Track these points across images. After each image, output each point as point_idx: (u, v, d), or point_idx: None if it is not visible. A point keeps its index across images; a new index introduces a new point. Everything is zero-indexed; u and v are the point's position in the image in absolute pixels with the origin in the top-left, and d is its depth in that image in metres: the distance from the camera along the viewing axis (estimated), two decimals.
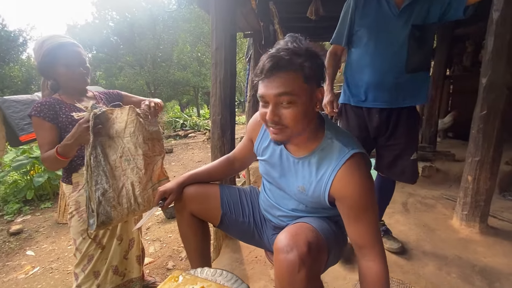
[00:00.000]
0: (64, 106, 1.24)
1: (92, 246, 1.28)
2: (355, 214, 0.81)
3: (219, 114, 1.71)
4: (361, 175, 0.79)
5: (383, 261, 0.81)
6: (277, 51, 0.74)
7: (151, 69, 12.66)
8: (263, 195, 1.12)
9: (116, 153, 1.14)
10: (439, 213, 2.13)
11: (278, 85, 0.74)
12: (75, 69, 1.22)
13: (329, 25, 4.42)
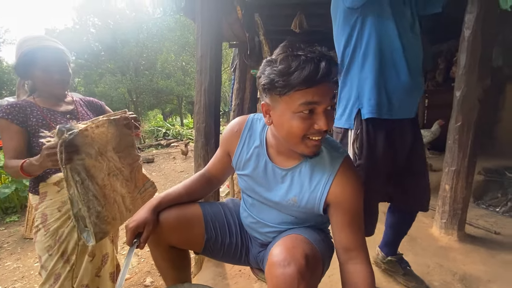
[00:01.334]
0: (36, 109, 1.17)
1: (60, 263, 1.17)
2: (349, 218, 0.80)
3: (203, 122, 1.67)
4: (356, 178, 0.81)
5: (370, 264, 0.80)
6: (321, 53, 0.68)
7: (133, 77, 12.39)
8: (245, 212, 1.01)
9: (102, 171, 1.03)
10: (419, 221, 2.17)
11: (330, 90, 0.70)
12: (53, 74, 1.16)
13: (313, 39, 4.60)
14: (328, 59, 0.67)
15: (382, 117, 1.07)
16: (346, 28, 1.09)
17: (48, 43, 1.16)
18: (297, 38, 3.49)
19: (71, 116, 1.26)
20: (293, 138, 0.74)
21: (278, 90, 0.69)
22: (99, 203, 1.00)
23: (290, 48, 0.70)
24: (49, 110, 1.20)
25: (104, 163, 1.03)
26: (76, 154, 0.93)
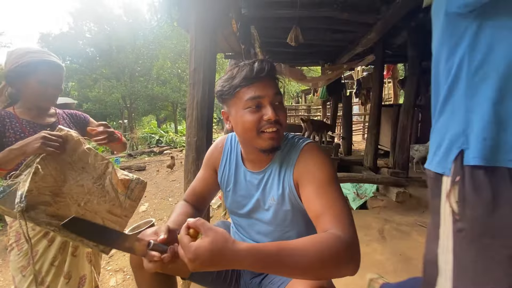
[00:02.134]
0: (15, 121, 1.13)
1: (33, 285, 1.09)
2: (314, 187, 0.76)
3: (194, 136, 1.62)
4: (318, 154, 0.82)
5: (335, 229, 0.66)
6: (262, 59, 0.81)
7: (128, 83, 12.30)
8: (236, 236, 1.01)
9: (70, 206, 0.99)
10: (414, 240, 2.14)
11: (274, 85, 0.81)
12: (48, 88, 1.16)
13: (308, 52, 4.66)
14: (261, 60, 0.79)
15: (502, 164, 0.70)
16: (451, 38, 0.78)
17: (52, 59, 1.17)
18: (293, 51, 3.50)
19: (51, 129, 1.21)
20: (249, 132, 0.80)
21: (226, 93, 0.81)
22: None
23: (235, 63, 0.88)
24: (28, 122, 1.15)
25: (67, 199, 0.99)
26: (34, 210, 0.90)
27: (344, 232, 0.65)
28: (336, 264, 0.61)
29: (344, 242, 0.63)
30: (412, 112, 3.10)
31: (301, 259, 0.59)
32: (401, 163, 3.13)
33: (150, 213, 3.76)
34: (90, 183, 1.05)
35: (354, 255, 0.64)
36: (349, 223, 0.68)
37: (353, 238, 0.66)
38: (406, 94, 3.17)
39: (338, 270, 0.62)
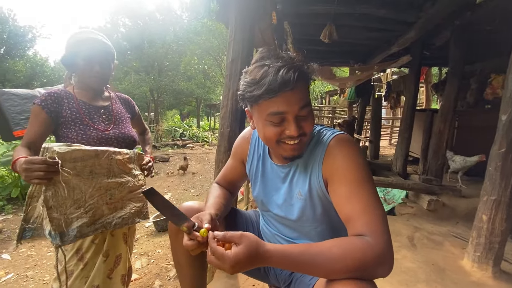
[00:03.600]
0: (72, 101, 1.19)
1: (73, 260, 1.14)
2: (346, 189, 0.70)
3: (228, 127, 1.63)
4: (347, 148, 0.75)
5: (375, 239, 0.62)
6: (290, 62, 0.68)
7: (156, 77, 12.72)
8: (266, 229, 1.00)
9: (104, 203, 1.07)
10: (447, 251, 2.02)
11: (300, 97, 0.70)
12: (93, 65, 1.18)
13: (339, 51, 4.55)
14: (289, 67, 0.66)
15: None
16: None
17: (95, 36, 1.19)
18: (323, 49, 3.43)
19: (105, 111, 1.27)
20: (269, 142, 0.77)
21: (247, 101, 0.74)
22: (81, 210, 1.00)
23: (262, 58, 0.72)
24: (84, 103, 1.21)
25: (94, 204, 1.04)
26: (73, 233, 0.97)
27: (376, 240, 0.62)
28: (362, 270, 0.60)
29: (374, 250, 0.60)
30: (450, 117, 2.92)
31: (325, 263, 0.60)
32: (434, 170, 2.97)
33: (173, 202, 3.85)
34: (104, 181, 1.07)
35: (384, 262, 0.61)
36: (382, 230, 0.64)
37: (385, 245, 0.62)
38: (445, 97, 2.99)
39: (365, 275, 0.61)
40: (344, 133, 0.80)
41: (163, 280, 1.96)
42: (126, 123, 1.35)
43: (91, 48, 1.17)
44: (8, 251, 2.44)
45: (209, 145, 10.28)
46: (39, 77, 13.03)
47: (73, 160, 0.97)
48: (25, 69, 12.23)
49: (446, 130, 2.92)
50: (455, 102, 2.92)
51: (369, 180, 0.71)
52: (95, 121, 1.22)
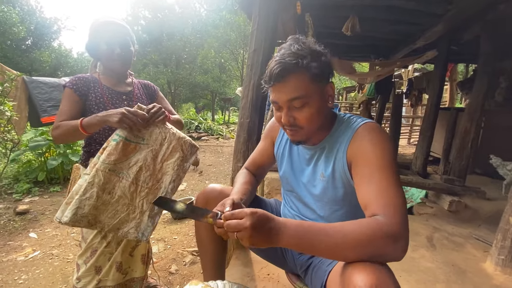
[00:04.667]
0: (98, 86, 1.23)
1: (97, 238, 1.20)
2: (367, 172, 0.71)
3: (247, 118, 1.64)
4: (376, 134, 0.76)
5: (389, 218, 0.62)
6: (282, 56, 0.74)
7: (174, 70, 12.93)
8: (286, 210, 1.04)
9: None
10: (468, 253, 1.95)
11: (289, 90, 0.75)
12: (114, 48, 1.20)
13: (361, 45, 4.42)
14: (279, 62, 0.73)
15: None
16: None
17: (111, 19, 1.21)
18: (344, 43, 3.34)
19: (127, 97, 1.30)
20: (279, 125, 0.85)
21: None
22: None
23: (280, 48, 0.79)
24: (108, 88, 1.25)
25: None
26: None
27: (388, 219, 0.62)
28: (372, 247, 0.60)
29: (384, 229, 0.61)
30: (477, 116, 2.78)
31: (334, 237, 0.61)
32: (457, 170, 2.85)
33: (188, 192, 3.93)
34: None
35: (395, 241, 0.61)
36: (396, 211, 0.64)
37: (398, 225, 0.62)
38: (473, 95, 2.85)
39: (375, 253, 0.61)
40: (375, 122, 0.81)
41: (179, 265, 2.02)
42: None
43: (110, 31, 1.19)
44: (35, 230, 2.58)
45: (224, 139, 10.36)
46: (63, 67, 13.55)
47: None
48: (50, 59, 12.74)
49: (472, 129, 2.79)
50: (483, 100, 2.78)
51: (392, 166, 0.71)
52: (117, 106, 1.25)
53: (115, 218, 1.04)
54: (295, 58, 0.73)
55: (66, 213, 0.98)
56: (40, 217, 2.87)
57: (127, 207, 1.06)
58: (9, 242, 2.32)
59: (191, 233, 2.55)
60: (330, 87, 0.80)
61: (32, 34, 12.25)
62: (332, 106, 0.83)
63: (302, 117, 0.78)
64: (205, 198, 1.00)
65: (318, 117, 0.79)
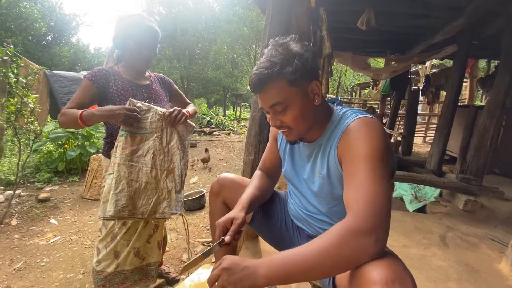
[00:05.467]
0: (118, 78, 1.27)
1: (118, 224, 1.25)
2: (350, 169, 0.70)
3: (259, 111, 1.65)
4: (363, 128, 0.74)
5: (355, 216, 0.61)
6: (258, 66, 0.77)
7: (187, 65, 13.07)
8: (291, 204, 1.06)
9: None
10: (483, 253, 1.91)
11: (268, 98, 0.78)
12: (143, 50, 1.26)
13: (376, 40, 4.32)
14: (254, 75, 0.76)
15: None
16: None
17: (148, 23, 1.26)
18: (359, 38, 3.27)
19: (146, 90, 1.35)
20: None
21: None
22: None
23: (261, 54, 0.84)
24: (129, 81, 1.29)
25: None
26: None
27: (358, 214, 0.61)
28: (352, 254, 0.58)
29: (354, 227, 0.59)
30: (498, 114, 2.68)
31: (313, 261, 0.60)
32: (474, 169, 2.77)
33: (200, 185, 4.00)
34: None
35: (366, 237, 0.58)
36: (370, 205, 0.61)
37: (368, 218, 0.60)
38: (494, 92, 2.74)
39: (358, 257, 0.59)
40: (369, 116, 0.78)
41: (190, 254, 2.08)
42: (164, 102, 1.43)
43: (141, 33, 1.24)
44: (55, 217, 2.71)
45: (235, 134, 10.42)
46: (81, 62, 13.94)
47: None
48: (69, 54, 13.14)
49: (492, 127, 2.70)
50: (504, 98, 2.67)
51: (377, 158, 0.67)
52: (138, 99, 1.30)
53: (149, 203, 1.16)
54: (268, 67, 0.74)
55: (109, 208, 1.08)
56: (60, 204, 3.01)
57: (156, 191, 1.18)
58: (31, 227, 2.45)
59: (201, 224, 2.61)
60: (314, 85, 0.79)
61: (52, 30, 12.65)
62: (319, 103, 0.81)
63: (287, 120, 0.80)
64: (219, 185, 1.09)
65: (303, 117, 0.80)
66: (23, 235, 2.31)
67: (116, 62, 1.33)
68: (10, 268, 1.84)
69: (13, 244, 2.15)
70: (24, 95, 2.46)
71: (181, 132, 1.28)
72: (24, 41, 9.90)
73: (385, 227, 0.61)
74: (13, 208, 2.78)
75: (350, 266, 0.60)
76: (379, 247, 0.59)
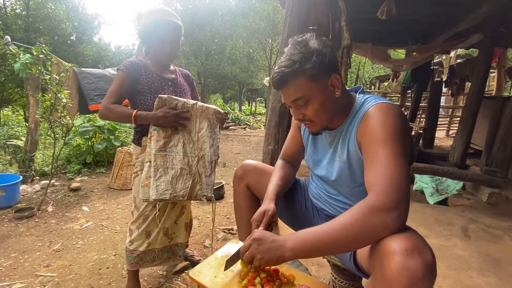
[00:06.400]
0: (148, 71, 1.34)
1: (149, 206, 1.36)
2: (370, 152, 0.74)
3: (279, 102, 1.70)
4: (382, 112, 0.77)
5: (376, 195, 0.65)
6: (279, 65, 0.82)
7: (204, 61, 13.23)
8: (312, 187, 1.11)
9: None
10: (506, 245, 1.87)
11: (290, 94, 0.84)
12: (165, 47, 1.32)
13: (397, 30, 4.20)
14: (276, 73, 0.82)
15: None
16: None
17: (171, 19, 1.30)
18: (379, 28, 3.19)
19: (172, 83, 1.42)
20: None
21: None
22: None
23: (281, 52, 0.88)
24: (157, 75, 1.37)
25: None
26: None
27: (381, 193, 0.64)
28: (374, 231, 0.62)
29: (377, 205, 0.63)
30: None
31: (338, 240, 0.64)
32: (500, 161, 2.67)
33: (218, 177, 4.12)
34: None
35: (388, 214, 0.62)
36: (391, 183, 0.65)
37: (390, 197, 0.63)
38: None
39: (376, 236, 0.63)
40: (388, 101, 0.81)
41: (212, 240, 2.18)
42: (187, 95, 1.50)
43: (164, 31, 1.29)
44: (86, 204, 2.91)
45: (251, 129, 10.50)
46: (103, 60, 14.46)
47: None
48: (92, 53, 13.66)
49: None
50: None
51: (395, 140, 0.71)
52: (165, 92, 1.38)
53: (187, 186, 1.28)
54: (289, 65, 0.79)
55: (151, 193, 1.21)
56: (90, 193, 3.22)
57: (190, 176, 1.30)
58: (66, 213, 2.66)
59: (221, 213, 2.71)
60: (334, 78, 0.83)
61: (76, 30, 13.20)
62: (339, 96, 0.85)
63: (309, 113, 0.85)
64: (243, 170, 1.17)
65: (324, 110, 0.84)
66: (59, 220, 2.51)
67: (145, 55, 1.41)
68: (49, 249, 2.02)
69: (50, 228, 2.35)
70: (57, 91, 2.64)
71: (211, 120, 1.38)
72: (51, 41, 10.40)
73: (405, 205, 0.65)
74: (48, 196, 3.01)
75: (372, 240, 0.64)
76: (400, 223, 0.63)
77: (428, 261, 0.57)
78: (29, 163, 3.45)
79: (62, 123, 2.78)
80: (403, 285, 0.54)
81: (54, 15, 10.39)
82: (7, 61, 7.68)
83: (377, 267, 0.62)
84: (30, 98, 3.33)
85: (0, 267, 1.76)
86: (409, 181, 0.68)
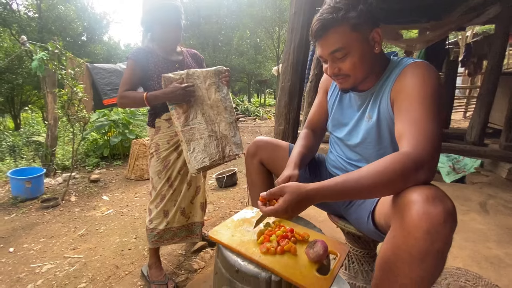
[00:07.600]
0: (155, 56, 1.37)
1: (166, 186, 1.41)
2: (405, 106, 0.73)
3: (288, 81, 1.70)
4: (420, 69, 0.76)
5: (414, 147, 0.64)
6: (321, 13, 0.78)
7: (211, 53, 13.26)
8: (331, 155, 1.10)
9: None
10: None
11: (330, 44, 0.80)
12: (168, 32, 1.35)
13: (409, 7, 4.05)
14: (317, 20, 0.79)
15: None
16: None
17: (167, 1, 1.32)
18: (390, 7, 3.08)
19: (179, 65, 1.45)
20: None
21: None
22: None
23: (323, 2, 0.81)
24: (164, 58, 1.39)
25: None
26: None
27: (414, 149, 0.64)
28: (403, 182, 0.62)
29: (410, 158, 0.62)
30: None
31: (368, 182, 0.63)
32: None
33: (230, 165, 4.17)
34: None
35: (420, 167, 0.62)
36: (426, 138, 0.65)
37: (424, 151, 0.63)
38: None
39: (407, 183, 0.62)
40: (424, 61, 0.79)
41: None
42: None
43: (164, 15, 1.32)
44: (106, 194, 3.04)
45: (260, 119, 10.50)
46: (113, 59, 14.70)
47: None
48: (103, 52, 13.93)
49: None
50: None
51: (431, 99, 0.70)
52: None
53: (219, 149, 1.37)
54: (332, 12, 0.76)
55: (192, 165, 1.30)
56: (109, 184, 3.35)
57: (219, 140, 1.38)
58: (88, 202, 2.79)
59: (235, 198, 2.76)
60: (376, 33, 0.80)
61: (86, 30, 13.46)
62: (379, 51, 0.83)
63: (346, 67, 0.81)
64: (255, 146, 1.17)
65: (362, 64, 0.81)
66: (82, 209, 2.63)
67: (151, 41, 1.43)
68: (75, 234, 2.13)
69: (74, 216, 2.47)
70: (73, 85, 2.73)
71: (217, 83, 1.43)
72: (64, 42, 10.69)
73: (437, 160, 0.66)
74: (70, 188, 3.15)
75: (401, 187, 0.63)
76: (429, 175, 0.63)
77: (449, 207, 0.56)
78: (51, 157, 3.61)
79: (80, 116, 2.89)
80: (423, 230, 0.54)
81: (65, 15, 10.63)
82: (24, 63, 7.96)
83: (397, 217, 0.62)
84: (48, 96, 3.46)
85: (31, 251, 1.88)
86: (441, 140, 0.69)
